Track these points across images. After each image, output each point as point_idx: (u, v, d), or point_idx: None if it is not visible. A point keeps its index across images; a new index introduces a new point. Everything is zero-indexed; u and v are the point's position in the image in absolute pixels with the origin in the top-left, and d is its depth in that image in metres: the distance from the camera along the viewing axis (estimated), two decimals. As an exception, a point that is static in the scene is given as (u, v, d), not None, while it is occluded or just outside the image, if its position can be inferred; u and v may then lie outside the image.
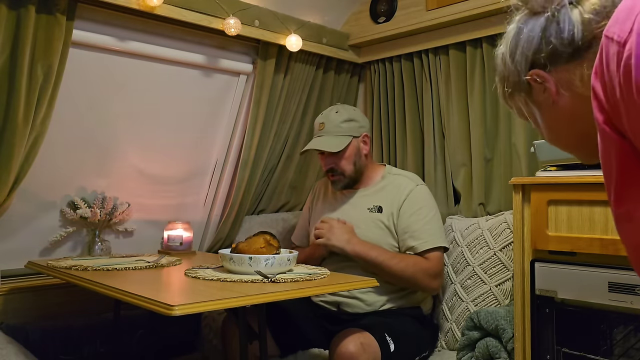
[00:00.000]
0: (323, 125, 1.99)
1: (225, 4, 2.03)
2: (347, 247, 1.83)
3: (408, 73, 2.43)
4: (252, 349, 1.46)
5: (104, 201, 2.04)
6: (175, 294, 1.46)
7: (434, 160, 2.33)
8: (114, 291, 1.33)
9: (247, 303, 1.27)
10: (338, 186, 2.01)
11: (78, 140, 1.97)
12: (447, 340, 1.98)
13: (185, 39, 2.07)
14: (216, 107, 2.28)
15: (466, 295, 1.96)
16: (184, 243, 2.14)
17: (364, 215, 1.94)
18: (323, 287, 1.50)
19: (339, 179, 1.99)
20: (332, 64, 2.51)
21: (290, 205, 2.55)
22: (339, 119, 1.98)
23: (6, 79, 1.63)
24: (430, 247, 1.86)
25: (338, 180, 1.99)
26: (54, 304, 1.93)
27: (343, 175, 1.98)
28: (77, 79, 1.86)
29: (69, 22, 1.72)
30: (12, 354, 1.47)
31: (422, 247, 1.86)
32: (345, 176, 1.98)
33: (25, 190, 1.84)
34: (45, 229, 1.97)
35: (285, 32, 2.22)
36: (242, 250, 1.55)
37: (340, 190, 2.04)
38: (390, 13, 2.39)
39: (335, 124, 1.97)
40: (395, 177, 2.01)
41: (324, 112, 2.05)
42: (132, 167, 2.13)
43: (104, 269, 1.63)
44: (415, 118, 2.42)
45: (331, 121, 1.98)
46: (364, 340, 1.58)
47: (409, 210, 1.90)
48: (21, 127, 1.65)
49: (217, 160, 2.36)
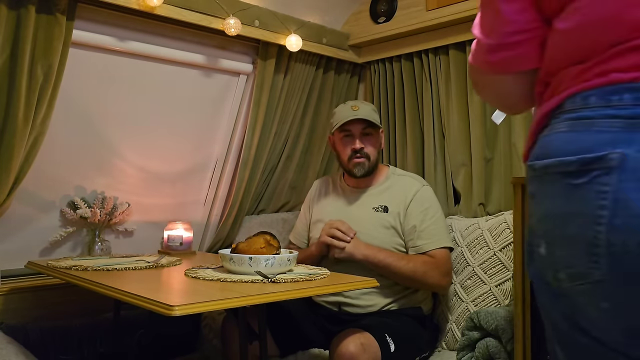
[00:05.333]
0: (357, 107, 1.98)
1: (225, 4, 2.03)
2: (355, 251, 1.83)
3: (408, 73, 2.43)
4: (252, 349, 1.46)
5: (104, 201, 2.04)
6: (175, 294, 1.46)
7: (434, 160, 2.33)
8: (114, 291, 1.33)
9: (247, 303, 1.27)
10: (361, 170, 1.97)
11: (78, 140, 1.97)
12: (447, 340, 1.98)
13: (185, 39, 2.07)
14: (216, 107, 2.28)
15: (466, 295, 1.96)
16: (184, 243, 2.13)
17: (370, 215, 1.95)
18: (323, 287, 1.49)
19: (364, 162, 1.96)
20: (332, 64, 2.51)
21: (290, 205, 2.55)
22: (370, 107, 2.01)
23: (6, 79, 1.63)
24: (438, 247, 1.88)
25: (362, 164, 1.96)
26: (54, 304, 1.93)
27: (368, 159, 1.97)
28: (77, 79, 1.86)
29: (69, 22, 1.72)
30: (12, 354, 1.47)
31: (431, 247, 1.87)
32: (370, 161, 1.97)
33: (25, 191, 1.84)
34: (45, 229, 1.96)
35: (285, 32, 2.22)
36: (242, 250, 1.55)
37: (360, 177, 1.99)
38: (390, 13, 2.39)
39: (369, 110, 1.99)
40: (400, 177, 2.03)
41: (348, 102, 2.04)
42: (132, 167, 2.13)
43: (104, 269, 1.63)
44: (415, 118, 2.42)
45: (365, 106, 2.00)
46: (364, 340, 1.58)
47: (416, 210, 1.91)
48: (21, 127, 1.65)
49: (217, 160, 2.36)
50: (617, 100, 0.68)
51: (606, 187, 0.66)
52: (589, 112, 0.70)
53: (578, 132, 0.71)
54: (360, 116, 1.94)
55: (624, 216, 0.65)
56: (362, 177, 2.00)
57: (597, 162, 0.67)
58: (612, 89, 0.69)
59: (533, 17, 0.82)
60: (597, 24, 0.72)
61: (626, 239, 0.65)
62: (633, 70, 0.68)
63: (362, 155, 1.96)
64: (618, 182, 0.65)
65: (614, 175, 0.66)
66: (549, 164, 0.73)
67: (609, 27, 0.70)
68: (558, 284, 0.73)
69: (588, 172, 0.68)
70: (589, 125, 0.70)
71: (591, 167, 0.68)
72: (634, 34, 0.68)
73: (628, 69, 0.68)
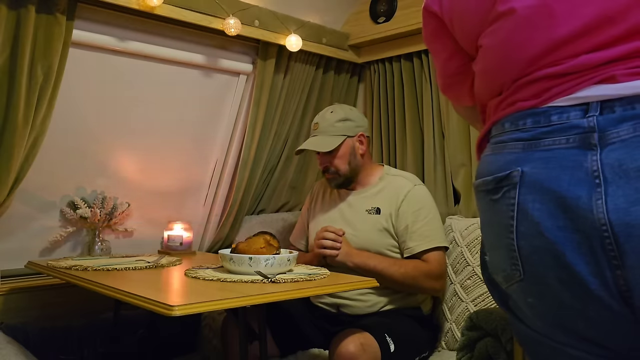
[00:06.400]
0: (317, 125, 1.99)
1: (225, 4, 2.03)
2: (347, 259, 1.82)
3: (408, 73, 2.43)
4: (252, 349, 1.46)
5: (104, 201, 2.04)
6: (175, 294, 1.46)
7: (434, 160, 2.33)
8: (114, 291, 1.33)
9: (247, 303, 1.27)
10: (333, 183, 2.00)
11: (78, 140, 1.97)
12: (446, 340, 1.98)
13: (185, 39, 2.07)
14: (216, 107, 2.28)
15: (466, 295, 1.96)
16: (184, 243, 2.14)
17: (362, 217, 1.94)
18: (323, 288, 1.49)
19: (334, 177, 1.98)
20: (332, 64, 2.51)
21: (290, 205, 2.55)
22: (334, 119, 1.98)
23: (6, 79, 1.63)
24: (430, 248, 1.86)
25: (333, 178, 1.98)
26: (54, 304, 1.93)
27: (338, 175, 1.97)
28: (77, 79, 1.86)
29: (69, 22, 1.72)
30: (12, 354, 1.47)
31: (422, 248, 1.85)
32: (340, 175, 1.97)
33: (25, 191, 1.84)
34: (45, 229, 1.97)
35: (285, 32, 2.22)
36: (242, 250, 1.55)
37: (337, 189, 2.03)
38: (390, 13, 2.39)
39: (329, 124, 1.97)
40: (393, 177, 2.00)
41: (320, 112, 2.05)
42: (132, 167, 2.13)
43: (104, 269, 1.63)
44: (415, 118, 2.42)
45: (325, 120, 1.98)
46: (364, 340, 1.58)
47: (408, 210, 1.90)
48: (21, 127, 1.65)
49: (217, 160, 2.36)
50: (522, 124, 0.81)
51: (513, 200, 0.78)
52: (504, 137, 0.83)
53: (495, 154, 0.84)
54: (308, 147, 1.95)
55: (525, 224, 0.77)
56: (338, 188, 2.02)
57: (505, 180, 0.79)
58: (519, 115, 0.81)
59: (461, 63, 1.00)
60: (496, 67, 0.87)
61: (528, 243, 0.77)
62: (532, 99, 0.80)
63: (330, 172, 1.97)
64: (519, 195, 0.77)
65: (517, 190, 0.77)
66: (478, 183, 0.86)
67: (506, 68, 0.85)
68: (501, 285, 0.85)
69: (500, 188, 0.80)
70: (502, 147, 0.83)
71: (502, 184, 0.80)
72: (528, 69, 0.81)
73: (529, 98, 0.81)
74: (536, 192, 0.75)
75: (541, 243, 0.75)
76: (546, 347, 0.83)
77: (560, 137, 0.75)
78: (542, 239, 0.75)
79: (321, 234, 1.86)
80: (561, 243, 0.73)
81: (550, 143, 0.76)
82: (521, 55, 0.82)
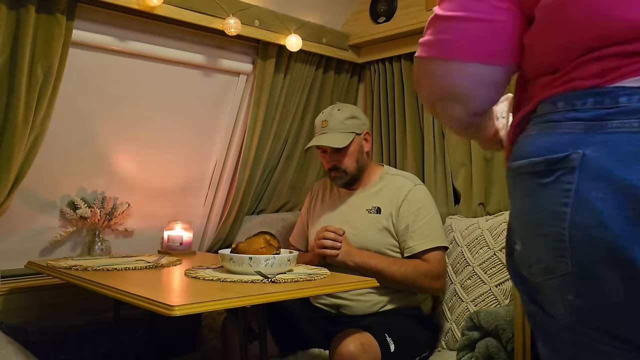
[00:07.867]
0: (326, 122, 1.98)
1: (225, 4, 2.03)
2: (347, 258, 1.82)
3: (408, 73, 2.43)
4: (252, 349, 1.46)
5: (103, 201, 2.04)
6: (175, 294, 1.46)
7: (434, 160, 2.33)
8: (114, 291, 1.33)
9: (247, 303, 1.27)
10: (339, 182, 2.00)
11: (78, 140, 1.97)
12: (447, 340, 1.98)
13: (185, 39, 2.07)
14: (216, 107, 2.28)
15: (466, 295, 1.96)
16: (184, 243, 2.13)
17: (363, 217, 1.94)
18: (323, 287, 1.49)
19: (341, 175, 1.97)
20: (332, 63, 2.51)
21: (290, 205, 2.55)
22: (342, 116, 1.98)
23: (6, 79, 1.63)
24: (430, 247, 1.86)
25: (340, 177, 1.98)
26: (54, 304, 1.93)
27: (345, 173, 1.97)
28: (77, 79, 1.86)
29: (68, 22, 1.72)
30: (12, 354, 1.47)
31: (422, 247, 1.86)
32: (348, 173, 1.97)
33: (25, 191, 1.84)
34: (45, 229, 1.97)
35: (285, 32, 2.22)
36: (242, 250, 1.55)
37: (342, 188, 2.03)
38: (390, 13, 2.39)
39: (339, 121, 1.97)
40: (393, 177, 2.01)
41: (325, 110, 2.04)
42: (132, 167, 2.13)
43: (103, 269, 1.63)
44: (415, 118, 2.42)
45: (334, 118, 1.98)
46: (364, 340, 1.58)
47: (408, 210, 1.90)
48: (21, 127, 1.65)
49: (217, 160, 2.36)
50: (581, 104, 0.73)
51: (569, 186, 0.71)
52: (556, 116, 0.76)
53: (546, 134, 0.76)
54: (322, 143, 1.94)
55: (582, 212, 0.70)
56: (344, 187, 2.02)
57: (562, 162, 0.72)
58: (576, 94, 0.74)
59: None
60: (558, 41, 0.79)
61: (583, 234, 0.70)
62: (593, 78, 0.73)
63: (337, 170, 1.97)
64: (578, 180, 0.70)
65: (575, 174, 0.70)
66: (521, 164, 0.78)
67: (569, 43, 0.77)
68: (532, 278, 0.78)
69: (553, 171, 0.73)
70: (555, 127, 0.75)
71: (556, 167, 0.73)
72: (595, 45, 0.74)
73: (590, 77, 0.74)
74: (600, 179, 0.69)
75: (601, 234, 0.68)
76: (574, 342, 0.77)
77: (632, 120, 0.69)
78: (603, 231, 0.68)
79: (321, 234, 1.86)
80: (627, 237, 0.67)
81: (619, 125, 0.69)
82: (589, 31, 0.74)
